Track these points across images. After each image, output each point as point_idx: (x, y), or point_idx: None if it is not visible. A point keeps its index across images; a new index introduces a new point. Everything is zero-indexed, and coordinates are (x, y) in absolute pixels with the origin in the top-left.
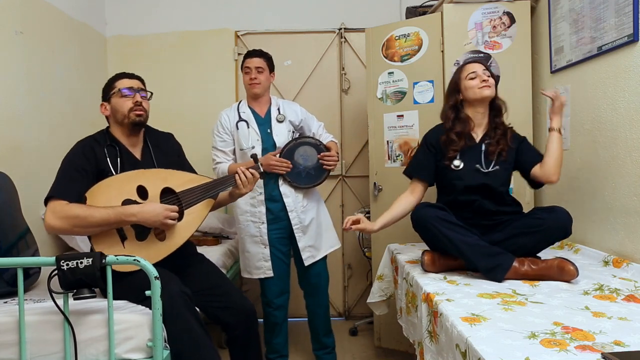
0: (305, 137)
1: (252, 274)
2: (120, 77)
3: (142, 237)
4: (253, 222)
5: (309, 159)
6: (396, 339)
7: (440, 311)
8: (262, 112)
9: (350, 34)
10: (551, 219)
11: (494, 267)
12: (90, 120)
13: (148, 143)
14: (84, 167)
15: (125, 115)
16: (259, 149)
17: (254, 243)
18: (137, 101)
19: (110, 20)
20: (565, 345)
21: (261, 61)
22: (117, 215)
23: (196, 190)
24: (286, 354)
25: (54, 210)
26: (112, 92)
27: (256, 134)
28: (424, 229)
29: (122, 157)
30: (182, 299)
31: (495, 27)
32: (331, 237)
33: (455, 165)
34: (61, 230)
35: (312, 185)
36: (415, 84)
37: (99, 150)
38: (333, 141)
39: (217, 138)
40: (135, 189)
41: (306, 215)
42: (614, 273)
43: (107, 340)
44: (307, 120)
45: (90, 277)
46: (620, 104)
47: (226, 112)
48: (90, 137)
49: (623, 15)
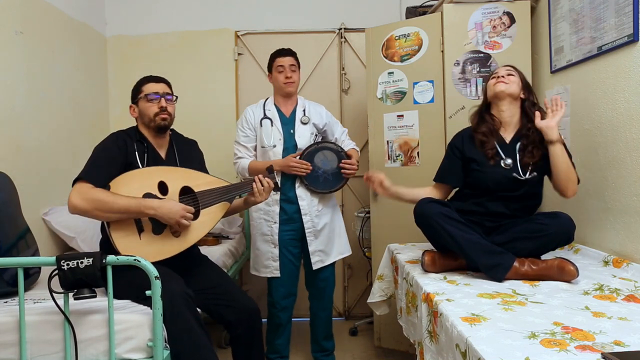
0: (327, 142)
1: (259, 272)
2: (147, 81)
3: (158, 231)
4: (266, 220)
5: (328, 164)
6: (396, 339)
7: (440, 311)
8: (288, 112)
9: (350, 34)
10: (554, 225)
11: (495, 266)
12: (90, 120)
13: (174, 145)
14: (115, 156)
15: (151, 119)
16: (280, 148)
17: (265, 242)
18: (163, 106)
19: (110, 20)
20: (565, 345)
21: (293, 59)
22: (137, 206)
23: (214, 192)
24: (287, 354)
25: (79, 191)
26: (139, 95)
27: (279, 133)
28: (427, 224)
29: (148, 153)
30: (183, 299)
31: (495, 27)
32: (342, 244)
33: (506, 164)
34: (83, 210)
35: (328, 191)
36: (415, 84)
37: (130, 143)
38: (355, 149)
39: (240, 133)
40: (157, 184)
41: (320, 220)
42: (614, 273)
43: (107, 340)
44: (331, 125)
45: (90, 277)
46: (620, 104)
47: (252, 108)
48: (122, 131)
49: (623, 15)
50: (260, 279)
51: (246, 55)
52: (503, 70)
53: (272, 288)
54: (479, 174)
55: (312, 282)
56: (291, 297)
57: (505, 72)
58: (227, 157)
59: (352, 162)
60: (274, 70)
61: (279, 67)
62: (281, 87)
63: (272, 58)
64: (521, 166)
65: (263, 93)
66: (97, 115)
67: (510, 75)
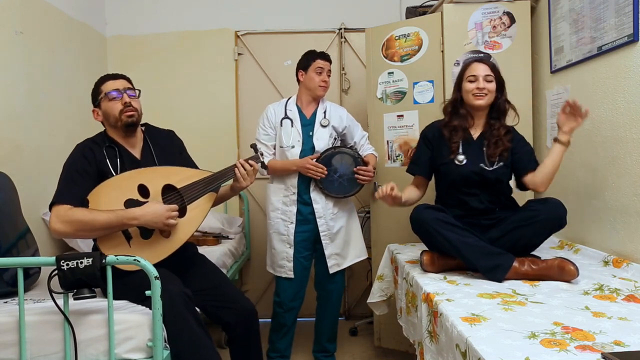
0: (345, 147)
1: (275, 271)
2: (104, 80)
3: (147, 235)
4: (283, 220)
5: (344, 169)
6: (396, 339)
7: (440, 311)
8: (309, 113)
9: (350, 34)
10: (546, 210)
11: (494, 267)
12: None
13: (148, 141)
14: (85, 169)
15: (117, 118)
16: (298, 149)
17: (281, 241)
18: (126, 102)
19: (110, 20)
20: (565, 345)
21: (330, 65)
22: (119, 220)
23: (197, 185)
24: (288, 355)
25: (58, 215)
26: (100, 96)
27: (298, 134)
28: (423, 231)
29: (121, 157)
30: (182, 299)
31: (495, 27)
32: (358, 248)
33: (459, 161)
34: (66, 234)
35: (342, 196)
36: (415, 84)
37: (98, 151)
38: (373, 154)
39: (262, 131)
40: (137, 188)
41: (335, 223)
42: (614, 273)
43: (107, 340)
44: (351, 128)
45: (90, 277)
46: (620, 104)
47: (274, 106)
48: (89, 139)
49: (623, 15)
50: (260, 280)
51: (246, 55)
52: (482, 72)
53: (280, 288)
54: (445, 168)
55: (323, 285)
56: (299, 300)
57: (484, 79)
58: (228, 157)
59: (368, 168)
60: (311, 71)
61: (318, 69)
62: (315, 88)
63: (310, 58)
64: (487, 158)
65: (263, 93)
66: None
67: (489, 82)
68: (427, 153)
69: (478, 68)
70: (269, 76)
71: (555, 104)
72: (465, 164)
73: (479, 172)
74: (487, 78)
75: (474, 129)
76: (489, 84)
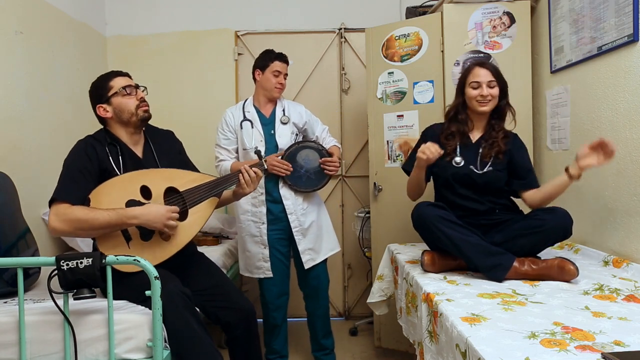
0: (308, 141)
1: (252, 273)
2: (113, 76)
3: (146, 237)
4: (254, 222)
5: (310, 162)
6: (396, 339)
7: (440, 311)
8: (267, 113)
9: (350, 34)
10: (552, 220)
11: (495, 267)
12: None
13: (149, 141)
14: (86, 167)
15: (133, 113)
16: (262, 149)
17: (254, 243)
18: (141, 97)
19: (110, 20)
20: (565, 345)
21: (287, 67)
22: (119, 218)
23: (200, 189)
24: (286, 354)
25: (57, 213)
26: (110, 92)
27: (260, 134)
28: (425, 228)
29: (123, 155)
30: (181, 299)
31: (495, 27)
32: (331, 241)
33: (456, 162)
34: (64, 232)
35: (311, 190)
36: (415, 84)
37: (100, 149)
38: (336, 146)
39: (221, 136)
40: (139, 189)
41: (306, 218)
42: (614, 273)
43: (107, 340)
44: (311, 123)
45: (90, 277)
46: (620, 104)
47: (231, 110)
48: (90, 136)
49: (623, 15)
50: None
51: (246, 55)
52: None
53: (264, 289)
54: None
55: (306, 282)
56: (284, 297)
57: (487, 85)
58: None
59: (333, 159)
60: (268, 72)
61: (275, 71)
62: (272, 89)
63: (268, 58)
64: (480, 160)
65: None
66: None
67: (492, 88)
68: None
69: (480, 74)
70: None
71: (555, 104)
72: (462, 166)
73: (468, 174)
74: (490, 84)
75: (473, 133)
76: (492, 90)
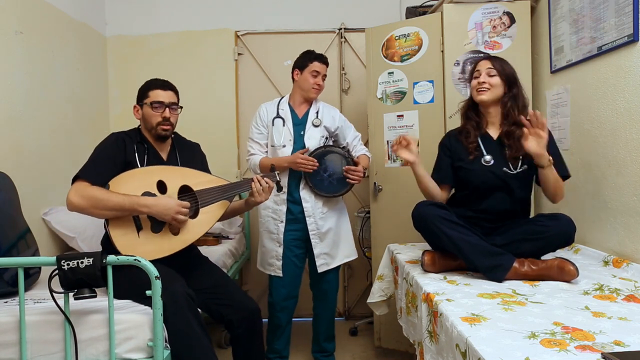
0: (335, 147)
1: (265, 269)
2: (155, 87)
3: (157, 229)
4: (273, 219)
5: (334, 168)
6: (396, 339)
7: (440, 311)
8: (301, 113)
9: (350, 34)
10: (555, 227)
11: (495, 267)
12: (90, 120)
13: (175, 148)
14: (114, 155)
15: (153, 127)
16: (289, 149)
17: (271, 240)
18: (166, 117)
19: (110, 20)
20: (565, 345)
21: (326, 69)
22: (131, 204)
23: (213, 191)
24: (286, 355)
25: (77, 189)
26: (144, 100)
27: (290, 133)
28: (425, 227)
29: (149, 155)
30: (184, 299)
31: (495, 27)
32: (348, 248)
33: (485, 161)
34: (79, 207)
35: (331, 195)
36: (415, 84)
37: (129, 143)
38: (365, 155)
39: (255, 129)
40: (156, 183)
41: (325, 222)
42: (614, 273)
43: (107, 340)
44: (343, 129)
45: (90, 277)
46: (620, 104)
47: (266, 105)
48: (124, 132)
49: (623, 15)
50: (260, 279)
51: (246, 55)
52: (484, 67)
53: (273, 288)
54: (466, 172)
55: (317, 284)
56: (292, 300)
57: (486, 73)
58: (227, 157)
59: (357, 169)
60: (307, 72)
61: (314, 72)
62: (309, 90)
63: (308, 58)
64: (510, 161)
65: (263, 93)
66: (97, 115)
67: (492, 77)
68: (446, 160)
69: (480, 64)
70: (269, 76)
71: (555, 104)
72: (493, 164)
73: (502, 177)
74: (489, 72)
75: (491, 129)
76: (490, 78)
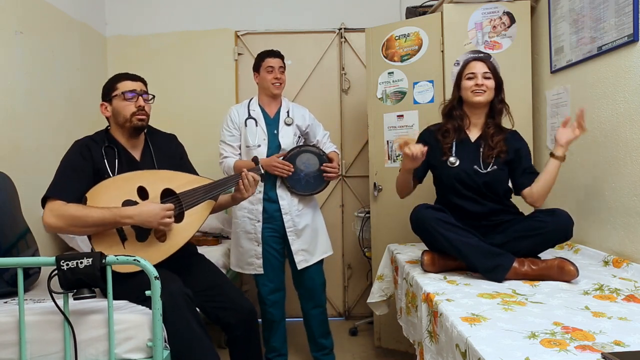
0: (310, 146)
1: (243, 269)
2: (123, 78)
3: (142, 238)
4: (249, 219)
5: (310, 167)
6: (396, 339)
7: (440, 311)
8: (272, 113)
9: (350, 34)
10: (553, 222)
11: (495, 268)
12: (90, 120)
13: (149, 144)
14: (80, 166)
15: (127, 119)
16: (264, 148)
17: (248, 240)
18: (140, 105)
19: (110, 20)
20: (565, 345)
21: (281, 61)
22: (113, 217)
23: (197, 192)
24: (285, 352)
25: (51, 209)
26: (113, 93)
27: (263, 133)
28: (424, 230)
29: (120, 158)
30: (183, 299)
31: (495, 27)
32: (325, 244)
33: (450, 162)
34: (58, 229)
35: (309, 194)
36: (415, 84)
37: (96, 150)
38: (335, 152)
39: (226, 132)
40: (136, 189)
41: (301, 219)
42: (614, 273)
43: (107, 340)
44: (313, 127)
45: (90, 277)
46: (620, 104)
47: (236, 108)
48: (88, 137)
49: (623, 15)
50: None
51: (246, 55)
52: (480, 70)
53: (259, 285)
54: (439, 172)
55: (300, 282)
56: (279, 292)
57: (482, 76)
58: None
59: (333, 165)
60: (262, 70)
61: (268, 68)
62: (269, 87)
63: (260, 58)
64: (483, 160)
65: None
66: (97, 115)
67: (487, 79)
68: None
69: (476, 66)
70: None
71: (555, 104)
72: (457, 166)
73: (471, 174)
74: (485, 75)
75: (471, 130)
76: (487, 81)
